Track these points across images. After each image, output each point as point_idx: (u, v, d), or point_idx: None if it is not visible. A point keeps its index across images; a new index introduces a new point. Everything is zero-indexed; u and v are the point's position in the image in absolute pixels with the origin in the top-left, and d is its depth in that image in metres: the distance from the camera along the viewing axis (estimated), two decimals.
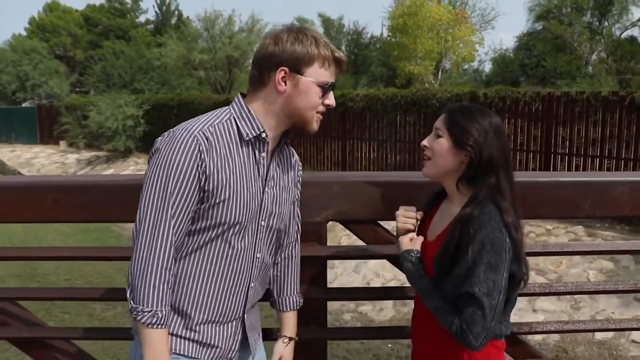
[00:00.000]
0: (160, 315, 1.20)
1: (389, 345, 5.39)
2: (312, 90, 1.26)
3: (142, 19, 42.09)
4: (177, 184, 1.19)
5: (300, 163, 1.46)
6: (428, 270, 1.33)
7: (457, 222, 1.25)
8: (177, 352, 1.29)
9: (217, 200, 1.22)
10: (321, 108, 1.29)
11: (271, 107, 1.28)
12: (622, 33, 18.83)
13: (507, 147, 1.33)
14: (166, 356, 1.22)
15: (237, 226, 1.26)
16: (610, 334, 5.23)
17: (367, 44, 25.56)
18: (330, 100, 1.30)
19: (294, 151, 1.45)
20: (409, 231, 1.36)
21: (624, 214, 1.52)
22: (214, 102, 15.95)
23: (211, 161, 1.21)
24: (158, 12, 39.94)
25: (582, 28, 17.41)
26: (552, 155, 8.44)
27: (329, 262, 1.62)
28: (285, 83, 1.25)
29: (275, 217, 1.34)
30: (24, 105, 30.43)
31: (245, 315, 1.36)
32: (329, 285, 1.63)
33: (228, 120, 1.27)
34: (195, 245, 1.27)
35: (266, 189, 1.30)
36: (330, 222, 1.55)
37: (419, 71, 17.18)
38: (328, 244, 1.57)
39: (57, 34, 38.70)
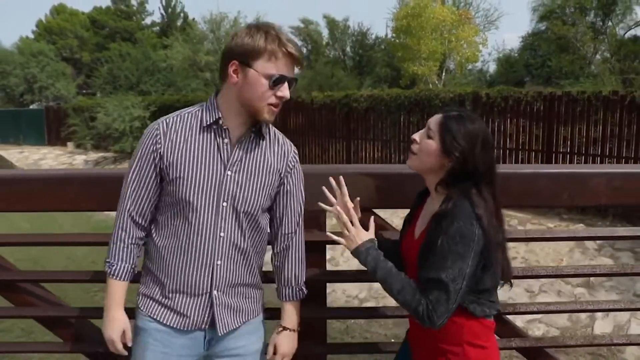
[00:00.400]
0: (114, 268, 1.44)
1: (392, 339, 5.51)
2: (260, 82, 1.35)
3: (147, 21, 42.33)
4: (137, 163, 1.43)
5: (295, 155, 1.53)
6: (412, 265, 1.42)
7: (434, 219, 1.36)
8: (152, 316, 1.47)
9: (172, 177, 1.40)
10: (272, 100, 1.38)
11: (229, 98, 1.40)
12: (625, 33, 18.82)
13: (493, 159, 1.40)
14: (116, 303, 1.45)
15: (193, 203, 1.39)
16: (608, 329, 5.32)
17: (371, 45, 25.62)
18: (283, 92, 1.38)
19: (288, 143, 1.53)
20: (343, 216, 1.44)
21: (601, 203, 1.63)
22: None
23: (167, 143, 1.40)
24: (164, 14, 40.16)
25: (585, 28, 17.42)
26: (554, 155, 8.52)
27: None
28: (237, 75, 1.37)
29: (241, 201, 1.42)
30: (31, 107, 30.73)
31: (216, 292, 1.44)
32: (328, 269, 1.75)
33: (197, 111, 1.43)
34: (165, 220, 1.44)
35: (228, 172, 1.41)
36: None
37: (423, 72, 17.25)
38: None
39: (64, 37, 39.02)
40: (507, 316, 1.81)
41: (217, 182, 1.41)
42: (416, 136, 1.44)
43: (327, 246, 1.72)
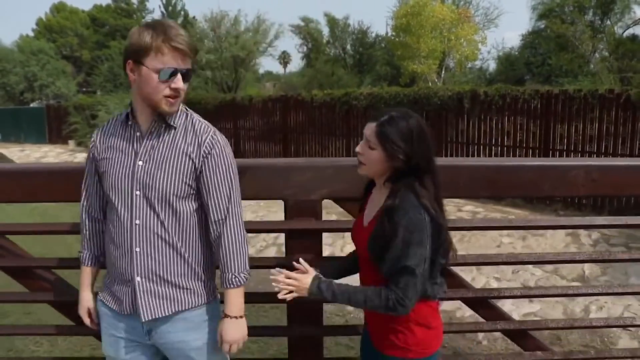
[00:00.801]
0: (82, 255, 1.68)
1: None
2: (151, 77, 1.44)
3: (148, 19, 42.44)
4: (85, 166, 1.64)
5: (212, 141, 1.53)
6: (362, 253, 1.55)
7: (384, 213, 1.47)
8: (102, 299, 1.64)
9: (101, 171, 1.58)
10: (167, 92, 1.46)
11: (135, 95, 1.52)
12: (624, 31, 18.92)
13: (430, 149, 1.50)
14: (84, 285, 1.68)
15: (113, 193, 1.53)
16: (603, 322, 5.42)
17: (371, 43, 25.72)
18: (177, 84, 1.46)
19: (204, 130, 1.55)
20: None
21: (580, 194, 1.74)
22: (221, 101, 16.22)
23: (98, 142, 1.59)
24: (164, 12, 40.22)
25: (584, 27, 17.50)
26: (551, 152, 8.61)
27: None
28: (133, 73, 1.48)
29: (152, 189, 1.50)
30: (31, 105, 30.81)
31: (138, 278, 1.53)
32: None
33: (124, 112, 1.58)
34: (107, 213, 1.61)
35: (139, 162, 1.51)
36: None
37: (423, 70, 17.35)
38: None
39: (64, 35, 39.08)
40: (492, 300, 1.91)
41: (130, 173, 1.52)
42: (359, 149, 1.53)
43: (326, 244, 1.83)
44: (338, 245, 7.30)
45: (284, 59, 53.04)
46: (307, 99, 12.99)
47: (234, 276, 1.56)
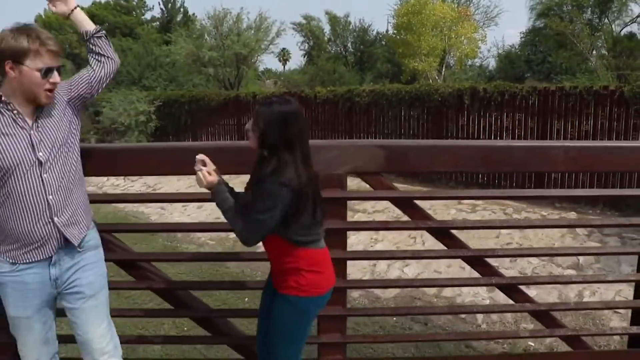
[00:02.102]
0: None
1: (394, 318, 5.88)
2: (33, 74, 1.76)
3: (147, 16, 42.49)
4: None
5: (60, 95, 1.91)
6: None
7: (253, 177, 1.89)
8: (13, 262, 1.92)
9: None
10: (47, 86, 1.79)
11: (13, 88, 1.79)
12: (621, 29, 19.20)
13: (294, 133, 1.81)
14: None
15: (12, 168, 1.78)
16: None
17: (372, 41, 25.95)
18: (55, 79, 1.80)
19: (55, 97, 1.89)
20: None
21: (560, 170, 2.04)
22: (224, 98, 16.46)
23: None
24: (163, 9, 40.34)
25: (582, 25, 17.78)
26: None
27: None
28: (13, 71, 1.76)
29: (51, 145, 1.83)
30: None
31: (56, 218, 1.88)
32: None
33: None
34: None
35: (32, 132, 1.81)
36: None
37: (424, 68, 17.61)
38: None
39: (63, 32, 39.16)
40: (487, 259, 2.21)
41: (28, 146, 1.81)
42: (247, 126, 1.88)
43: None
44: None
45: (284, 56, 53.24)
46: (310, 96, 13.25)
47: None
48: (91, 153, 2.13)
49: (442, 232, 2.10)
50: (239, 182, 1.96)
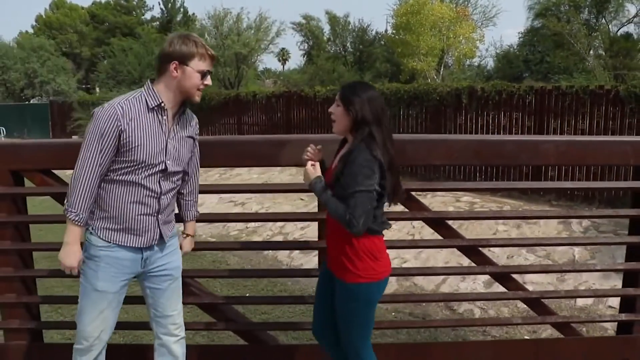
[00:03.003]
0: (80, 217, 1.96)
1: (392, 313, 5.99)
2: (194, 75, 1.96)
3: (147, 16, 42.53)
4: (103, 137, 1.91)
5: (197, 124, 2.20)
6: (329, 182, 2.01)
7: (342, 156, 1.98)
8: (114, 243, 2.07)
9: (130, 147, 1.93)
10: (201, 86, 2.00)
11: (169, 87, 1.98)
12: (618, 30, 19.32)
13: (379, 111, 1.96)
14: (77, 242, 2.00)
15: (144, 164, 1.96)
16: (589, 301, 5.81)
17: (371, 41, 26.05)
18: (209, 81, 2.02)
19: (194, 116, 2.17)
20: (309, 161, 2.03)
21: (550, 163, 2.14)
22: (225, 97, 16.55)
23: (125, 122, 1.91)
24: (163, 9, 40.38)
25: (579, 25, 17.89)
26: None
27: None
28: (176, 71, 1.96)
29: (176, 159, 2.05)
30: (32, 102, 30.96)
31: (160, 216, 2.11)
32: None
33: (140, 96, 1.98)
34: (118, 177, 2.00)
35: (168, 140, 2.00)
36: None
37: (422, 67, 17.72)
38: None
39: (64, 31, 39.19)
40: (481, 249, 2.32)
41: (163, 147, 2.00)
42: (331, 109, 2.02)
43: None
44: None
45: (283, 56, 53.28)
46: (310, 95, 13.33)
47: (195, 212, 2.41)
48: None
49: (438, 222, 2.20)
50: (236, 177, 2.07)
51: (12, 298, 2.26)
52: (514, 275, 2.38)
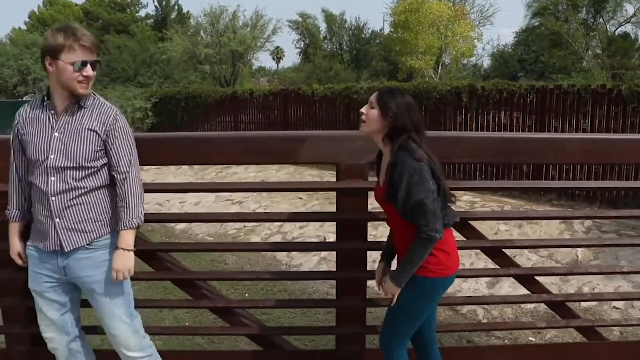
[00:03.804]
0: (8, 212, 2.06)
1: None
2: (67, 68, 1.88)
3: (142, 13, 42.25)
4: (12, 141, 2.02)
5: (115, 117, 2.01)
6: (380, 202, 1.96)
7: (388, 169, 1.91)
8: (31, 243, 2.06)
9: (25, 146, 1.96)
10: (80, 78, 1.90)
11: (53, 83, 1.94)
12: (616, 29, 19.37)
13: (415, 116, 1.95)
14: (12, 236, 2.09)
15: (35, 159, 1.93)
16: (594, 303, 5.76)
17: (368, 39, 25.99)
18: (87, 72, 1.91)
19: (111, 111, 2.02)
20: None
21: (577, 161, 2.07)
22: (221, 95, 16.43)
23: (21, 119, 1.99)
24: (158, 6, 40.15)
25: (577, 24, 17.91)
26: None
27: None
28: (51, 66, 1.90)
29: (64, 154, 1.92)
30: (25, 99, 30.64)
31: (57, 219, 1.96)
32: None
33: (39, 95, 2.08)
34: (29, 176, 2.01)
35: (55, 134, 1.93)
36: None
37: (420, 66, 17.68)
38: None
39: None
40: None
41: (47, 142, 1.94)
42: (363, 109, 1.99)
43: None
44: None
45: (277, 54, 53.14)
46: (308, 93, 13.24)
47: (128, 220, 1.98)
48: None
49: (462, 223, 2.12)
50: (243, 173, 1.98)
51: (15, 302, 2.16)
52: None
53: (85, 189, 1.96)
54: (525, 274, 2.25)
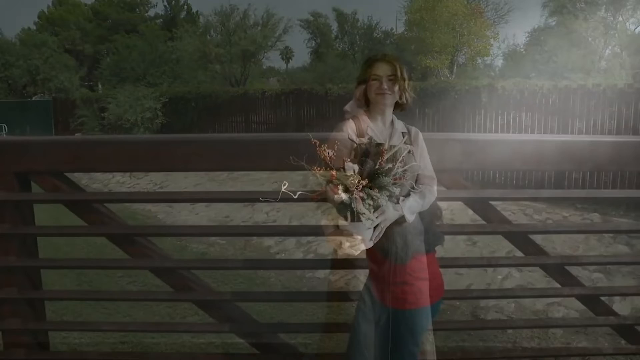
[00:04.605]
0: None
1: None
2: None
3: (151, 13, 42.28)
4: None
5: None
6: None
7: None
8: None
9: None
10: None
11: None
12: (636, 28, 18.96)
13: None
14: None
15: None
16: (626, 311, 5.47)
17: (380, 39, 25.71)
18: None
19: None
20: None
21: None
22: (232, 95, 16.25)
23: None
24: (167, 6, 40.18)
25: (596, 23, 17.53)
26: None
27: None
28: None
29: None
30: (34, 98, 30.65)
31: None
32: None
33: None
34: None
35: None
36: None
37: (435, 65, 17.39)
38: None
39: (67, 28, 38.91)
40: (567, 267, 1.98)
41: None
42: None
43: None
44: None
45: (287, 54, 52.94)
46: (322, 93, 13.00)
47: None
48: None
49: (520, 237, 1.87)
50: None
51: (17, 324, 1.91)
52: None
53: None
54: (591, 294, 1.99)
